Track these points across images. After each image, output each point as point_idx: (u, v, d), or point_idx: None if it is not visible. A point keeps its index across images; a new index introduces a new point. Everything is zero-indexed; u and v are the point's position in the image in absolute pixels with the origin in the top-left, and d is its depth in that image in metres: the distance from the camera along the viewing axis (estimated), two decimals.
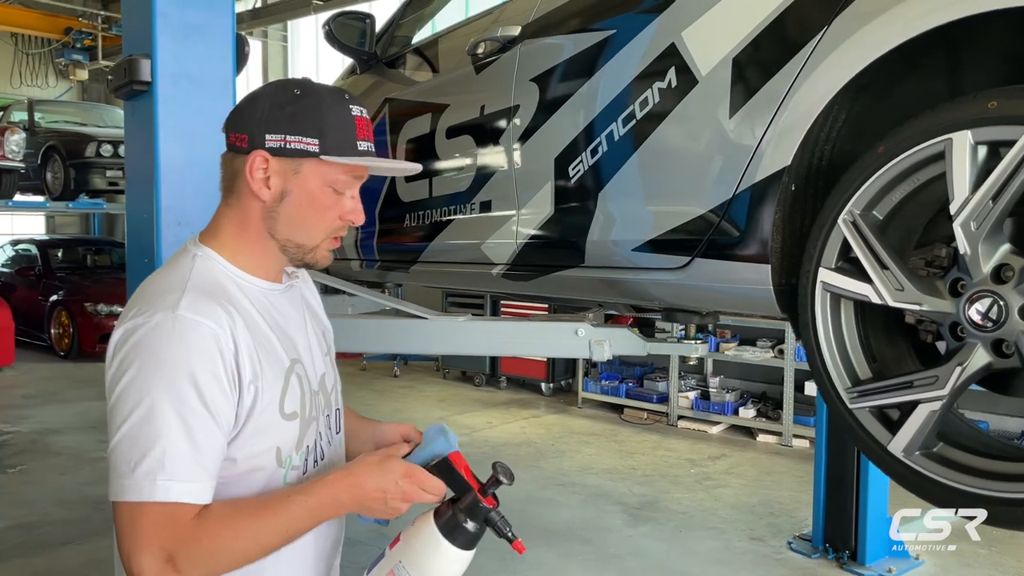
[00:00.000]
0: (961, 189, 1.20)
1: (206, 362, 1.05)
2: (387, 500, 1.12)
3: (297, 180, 1.16)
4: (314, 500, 1.10)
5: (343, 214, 1.20)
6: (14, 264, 11.18)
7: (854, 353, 1.41)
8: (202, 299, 1.10)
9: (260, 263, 1.21)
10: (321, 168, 1.16)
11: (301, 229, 1.18)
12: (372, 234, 2.78)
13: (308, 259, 1.22)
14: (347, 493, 1.11)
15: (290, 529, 1.09)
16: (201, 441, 1.04)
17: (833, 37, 1.37)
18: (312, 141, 1.14)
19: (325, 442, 1.26)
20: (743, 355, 6.53)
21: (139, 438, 1.02)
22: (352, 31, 2.80)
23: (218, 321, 1.08)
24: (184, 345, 1.05)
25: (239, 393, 1.09)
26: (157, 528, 1.01)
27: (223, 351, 1.07)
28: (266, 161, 1.15)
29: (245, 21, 12.53)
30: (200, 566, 1.03)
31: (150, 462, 1.01)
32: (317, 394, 1.25)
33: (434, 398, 7.77)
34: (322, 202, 1.17)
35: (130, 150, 2.08)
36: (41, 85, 15.47)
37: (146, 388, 1.03)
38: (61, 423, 6.61)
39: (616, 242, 1.84)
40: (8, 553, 3.98)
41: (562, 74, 1.97)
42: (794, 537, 4.25)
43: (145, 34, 1.89)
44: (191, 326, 1.06)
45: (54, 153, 9.12)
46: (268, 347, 1.15)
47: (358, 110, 1.19)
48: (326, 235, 1.20)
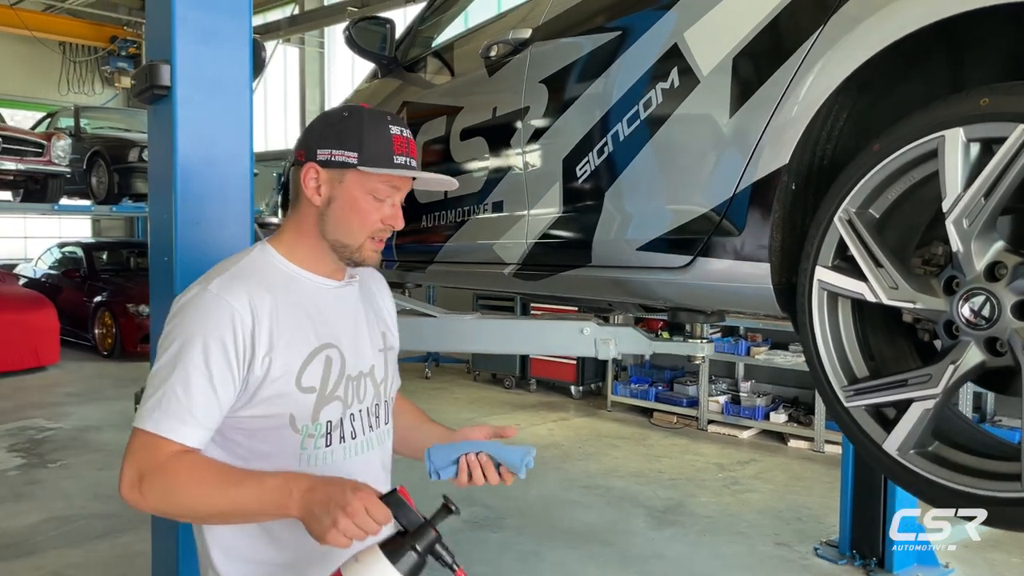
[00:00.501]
0: (953, 186, 1.19)
1: (217, 332, 1.25)
2: (330, 506, 1.13)
3: (341, 188, 1.34)
4: (268, 484, 1.19)
5: (383, 219, 1.36)
6: (61, 266, 11.50)
7: (851, 351, 1.41)
8: (234, 281, 1.30)
9: (315, 261, 1.39)
10: (360, 178, 1.33)
11: (346, 231, 1.35)
12: (391, 235, 2.82)
13: (355, 258, 1.38)
14: (299, 490, 1.17)
15: (237, 500, 1.20)
16: (194, 393, 1.23)
17: (828, 36, 1.37)
18: (352, 154, 1.32)
19: (360, 424, 1.41)
20: (774, 359, 6.46)
21: (155, 381, 1.25)
22: (373, 36, 2.85)
23: (238, 299, 1.27)
24: (204, 316, 1.26)
25: (249, 362, 1.27)
26: (141, 451, 1.22)
27: (236, 326, 1.26)
28: (316, 172, 1.35)
29: (283, 28, 12.75)
30: (156, 495, 1.20)
31: (153, 401, 1.23)
32: (357, 380, 1.41)
33: (464, 400, 7.81)
34: (363, 207, 1.34)
35: (152, 153, 2.15)
36: (88, 92, 15.93)
37: (170, 345, 1.26)
38: (102, 420, 6.79)
39: (621, 241, 1.86)
40: (44, 544, 4.10)
41: (569, 76, 1.99)
42: (821, 543, 4.19)
43: (165, 39, 1.95)
44: (214, 301, 1.27)
45: (99, 158, 9.38)
46: (298, 327, 1.33)
47: (398, 129, 1.36)
48: (367, 236, 1.36)
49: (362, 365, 1.43)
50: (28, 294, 9.56)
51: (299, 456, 1.34)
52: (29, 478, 5.22)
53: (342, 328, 1.41)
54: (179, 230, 1.97)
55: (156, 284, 2.14)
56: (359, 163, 1.32)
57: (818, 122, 1.43)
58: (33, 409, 7.20)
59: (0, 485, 5.06)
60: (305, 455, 1.34)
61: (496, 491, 5.29)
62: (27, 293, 9.65)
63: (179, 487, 1.20)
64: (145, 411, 1.23)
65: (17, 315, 8.73)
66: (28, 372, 8.80)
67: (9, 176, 8.43)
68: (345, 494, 1.14)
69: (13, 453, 5.80)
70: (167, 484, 1.20)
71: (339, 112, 1.37)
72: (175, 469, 1.20)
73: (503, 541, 4.25)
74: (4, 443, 6.06)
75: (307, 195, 1.36)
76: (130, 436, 1.25)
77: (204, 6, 1.95)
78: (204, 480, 1.21)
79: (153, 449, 1.21)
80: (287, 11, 13.71)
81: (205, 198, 1.99)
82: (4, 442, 6.09)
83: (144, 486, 1.20)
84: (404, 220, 1.42)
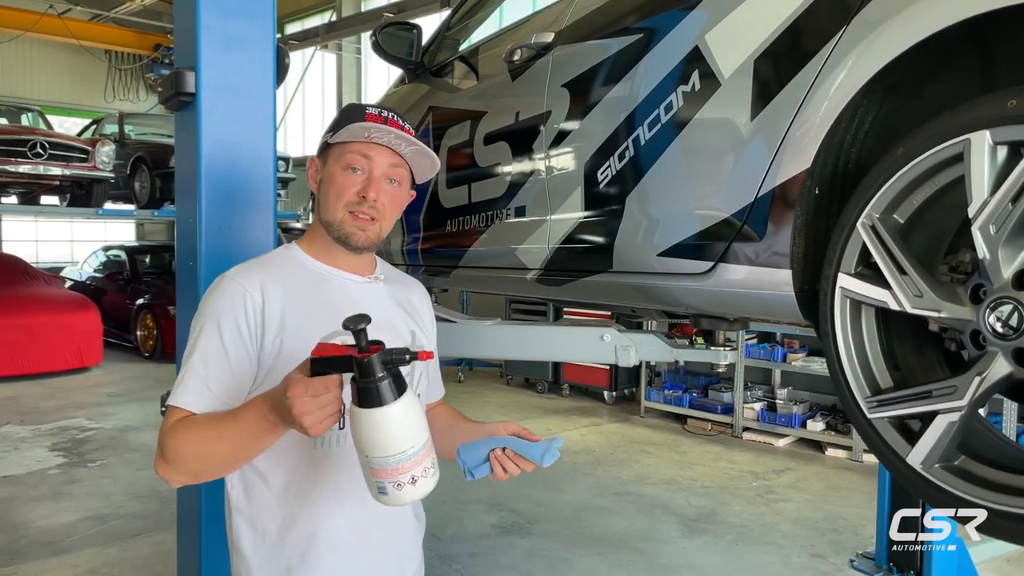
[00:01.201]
0: (979, 191, 1.15)
1: (230, 308, 1.34)
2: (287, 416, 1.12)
3: (325, 169, 1.43)
4: (245, 417, 1.22)
5: (358, 191, 1.39)
6: (105, 269, 11.78)
7: (875, 361, 1.36)
8: (251, 269, 1.40)
9: (331, 254, 1.45)
10: (335, 153, 1.41)
11: (326, 207, 1.41)
12: (417, 240, 2.84)
13: (339, 235, 1.41)
14: (264, 400, 1.19)
15: (224, 437, 1.24)
16: (211, 368, 1.32)
17: (851, 38, 1.34)
18: (330, 134, 1.42)
19: None
20: (811, 366, 6.35)
21: (183, 364, 1.34)
22: (400, 42, 2.86)
23: (250, 283, 1.36)
24: (219, 297, 1.36)
25: (261, 340, 1.35)
26: (168, 425, 1.29)
27: (247, 304, 1.34)
28: (314, 162, 1.47)
29: (321, 34, 12.92)
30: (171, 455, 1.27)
31: (177, 380, 1.33)
32: None
33: (496, 404, 7.81)
34: (338, 181, 1.40)
35: (178, 159, 2.18)
36: (132, 99, 16.32)
37: (193, 327, 1.36)
38: (141, 421, 6.93)
39: (642, 247, 1.83)
40: (82, 542, 4.19)
41: (591, 80, 1.97)
42: (857, 555, 4.10)
43: (190, 47, 1.98)
44: (228, 284, 1.37)
45: (142, 164, 9.59)
46: (312, 313, 1.38)
47: (375, 109, 1.41)
48: (345, 210, 1.40)
49: None
50: (73, 296, 9.80)
51: (314, 440, 1.37)
52: (69, 477, 5.34)
53: None
54: (204, 235, 2.00)
55: (182, 288, 2.17)
56: (331, 138, 1.40)
57: (841, 125, 1.39)
58: (75, 409, 7.38)
59: (41, 484, 5.19)
60: (321, 438, 1.37)
61: (525, 497, 5.33)
62: (72, 295, 9.89)
63: (186, 449, 1.27)
64: (174, 388, 1.33)
65: (62, 317, 8.95)
66: (72, 373, 9.02)
67: (56, 181, 8.67)
68: (285, 400, 1.12)
69: (55, 452, 5.94)
70: (174, 447, 1.27)
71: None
72: (176, 432, 1.28)
73: (531, 547, 4.23)
74: (46, 442, 6.22)
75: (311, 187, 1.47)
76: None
77: (228, 14, 1.98)
78: (198, 432, 1.27)
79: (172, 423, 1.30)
80: (325, 18, 13.89)
81: (230, 203, 2.01)
82: (46, 441, 6.25)
83: (167, 457, 1.28)
84: (429, 225, 1.42)
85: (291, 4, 14.52)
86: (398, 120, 1.41)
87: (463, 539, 4.32)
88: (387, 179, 1.41)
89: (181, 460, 1.28)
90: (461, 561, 4.04)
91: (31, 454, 5.87)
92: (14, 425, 6.74)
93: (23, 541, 4.20)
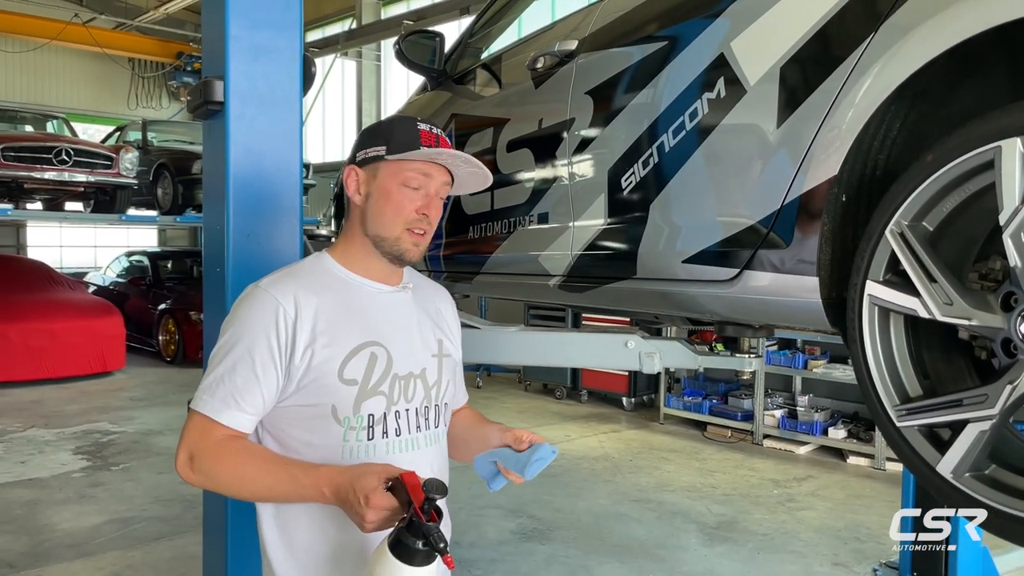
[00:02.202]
0: (1010, 199, 1.14)
1: (262, 324, 1.35)
2: (351, 513, 1.24)
3: (376, 183, 1.42)
4: (303, 479, 1.29)
5: (418, 208, 1.41)
6: (127, 274, 11.90)
7: (904, 369, 1.35)
8: (284, 279, 1.41)
9: (366, 264, 1.46)
10: (391, 168, 1.40)
11: (382, 223, 1.41)
12: (439, 246, 2.85)
13: (394, 251, 1.43)
14: (329, 489, 1.26)
15: (275, 489, 1.32)
16: (238, 380, 1.34)
17: (879, 44, 1.33)
18: (381, 148, 1.41)
19: (406, 423, 1.44)
20: (833, 373, 6.30)
21: (209, 368, 1.37)
22: (423, 50, 2.88)
23: (283, 295, 1.37)
24: (251, 310, 1.37)
25: (291, 354, 1.35)
26: (194, 432, 1.34)
27: (279, 318, 1.35)
28: (356, 172, 1.44)
29: (341, 42, 13.02)
30: (205, 474, 1.32)
31: (205, 384, 1.35)
32: (405, 380, 1.45)
33: (514, 409, 7.81)
34: (396, 198, 1.40)
35: (206, 167, 2.21)
36: (155, 107, 16.51)
37: (225, 334, 1.38)
38: (163, 425, 6.99)
39: (667, 254, 1.83)
40: (106, 545, 4.24)
41: (615, 87, 1.97)
42: (880, 564, 4.04)
43: (219, 57, 2.00)
44: (261, 296, 1.38)
45: (164, 170, 9.67)
46: (343, 323, 1.40)
47: (426, 125, 1.42)
48: (403, 227, 1.41)
49: (412, 366, 1.46)
50: (96, 301, 9.93)
51: (342, 448, 1.39)
52: (93, 480, 5.40)
53: (391, 329, 1.46)
54: (231, 241, 2.02)
55: (209, 294, 2.20)
56: (387, 153, 1.39)
57: (869, 131, 1.39)
58: (98, 413, 7.46)
59: (65, 487, 5.25)
60: (348, 447, 1.39)
61: (545, 503, 5.32)
62: (95, 300, 10.01)
63: (222, 471, 1.32)
64: (199, 393, 1.36)
65: (85, 322, 9.07)
66: (95, 377, 9.12)
67: (80, 188, 8.78)
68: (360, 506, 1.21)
69: (79, 456, 6.01)
70: (213, 466, 1.32)
71: (374, 123, 1.50)
72: (221, 454, 1.32)
73: (551, 554, 4.23)
74: (70, 446, 6.29)
75: (350, 196, 1.45)
76: (187, 417, 1.37)
77: (256, 24, 2.00)
78: (246, 469, 1.32)
79: (204, 431, 1.33)
80: (345, 25, 13.98)
81: (256, 210, 2.04)
82: (70, 445, 6.32)
83: (195, 465, 1.32)
84: (451, 232, 1.44)
85: (312, 12, 14.63)
86: (447, 138, 1.44)
87: (483, 545, 4.32)
88: (438, 196, 1.45)
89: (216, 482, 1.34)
90: (481, 567, 4.05)
91: (55, 457, 5.95)
92: (39, 428, 6.83)
93: (48, 543, 4.25)
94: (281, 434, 1.41)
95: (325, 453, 1.38)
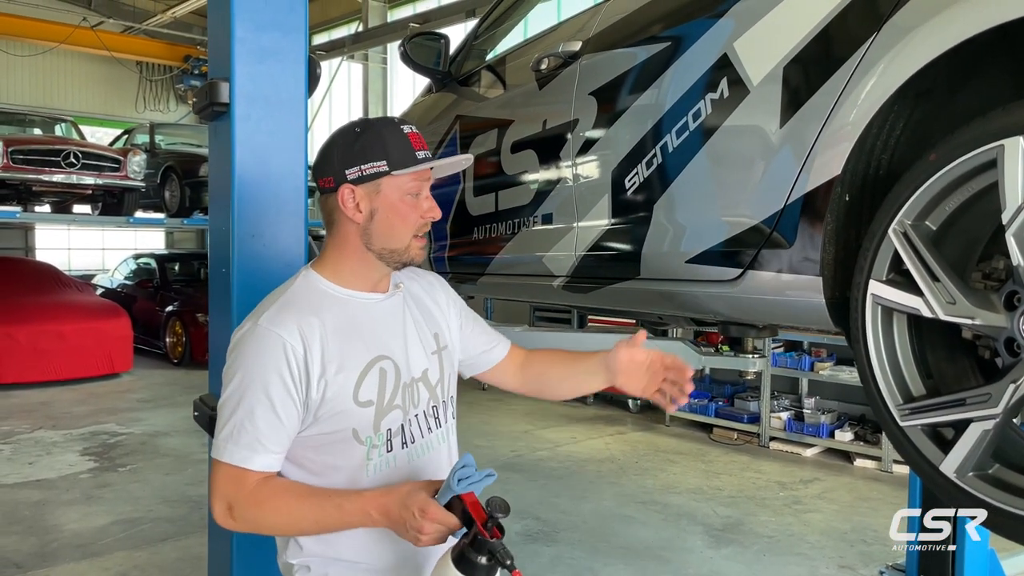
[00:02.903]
0: (1013, 197, 1.14)
1: (274, 364, 1.33)
2: (407, 529, 1.27)
3: (380, 198, 1.40)
4: (348, 507, 1.31)
5: (423, 213, 1.43)
6: (135, 277, 11.95)
7: (907, 368, 1.35)
8: (282, 312, 1.37)
9: (360, 277, 1.45)
10: (394, 182, 1.40)
11: (391, 237, 1.41)
12: (444, 247, 2.86)
13: (404, 259, 1.44)
14: (377, 512, 1.30)
15: (321, 522, 1.33)
16: (260, 423, 1.32)
17: (881, 44, 1.33)
18: (380, 163, 1.38)
19: (418, 429, 1.47)
20: (839, 375, 6.28)
21: (224, 413, 1.35)
22: (428, 51, 2.89)
23: (288, 331, 1.34)
24: (260, 351, 1.34)
25: (307, 388, 1.35)
26: (224, 483, 1.34)
27: (289, 355, 1.33)
28: (352, 191, 1.40)
29: (347, 45, 13.05)
30: (248, 521, 1.34)
31: (225, 432, 1.34)
32: (410, 387, 1.46)
33: (520, 411, 7.81)
34: (403, 210, 1.41)
35: (212, 168, 2.22)
36: (162, 110, 16.58)
37: (232, 378, 1.35)
38: (170, 426, 7.02)
39: (671, 254, 1.83)
40: (112, 546, 4.25)
41: (618, 88, 1.98)
42: (887, 567, 4.02)
43: (225, 59, 2.02)
44: (265, 335, 1.34)
45: (172, 173, 9.70)
46: (349, 346, 1.39)
47: (408, 128, 1.42)
48: (412, 236, 1.43)
49: (414, 371, 1.48)
50: (104, 303, 9.96)
51: (366, 466, 1.41)
52: (100, 481, 5.42)
53: (391, 338, 1.46)
54: (237, 242, 2.03)
55: (215, 294, 2.21)
56: (390, 169, 1.38)
57: (872, 131, 1.39)
58: (106, 414, 7.49)
59: (73, 488, 5.27)
60: (371, 464, 1.41)
61: (550, 505, 5.32)
62: (103, 302, 10.05)
63: (266, 515, 1.34)
64: (220, 442, 1.34)
65: (93, 323, 9.11)
66: (103, 378, 9.16)
67: (88, 190, 8.82)
68: (415, 518, 1.25)
69: (86, 457, 6.04)
70: (255, 513, 1.34)
71: (350, 131, 1.42)
72: (260, 499, 1.33)
73: (556, 555, 4.22)
74: (78, 447, 6.32)
75: (347, 215, 1.40)
76: (212, 467, 1.36)
77: (262, 26, 2.01)
78: (288, 507, 1.33)
79: (235, 480, 1.33)
80: (352, 29, 14.02)
81: (262, 211, 2.05)
82: (78, 446, 6.35)
83: (235, 514, 1.33)
84: (456, 233, 1.45)
85: (318, 15, 14.69)
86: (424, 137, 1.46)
87: None
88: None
89: (261, 525, 1.36)
90: None
91: (63, 458, 5.97)
92: (46, 430, 6.85)
93: (55, 544, 4.27)
94: (305, 461, 1.41)
95: (349, 473, 1.40)
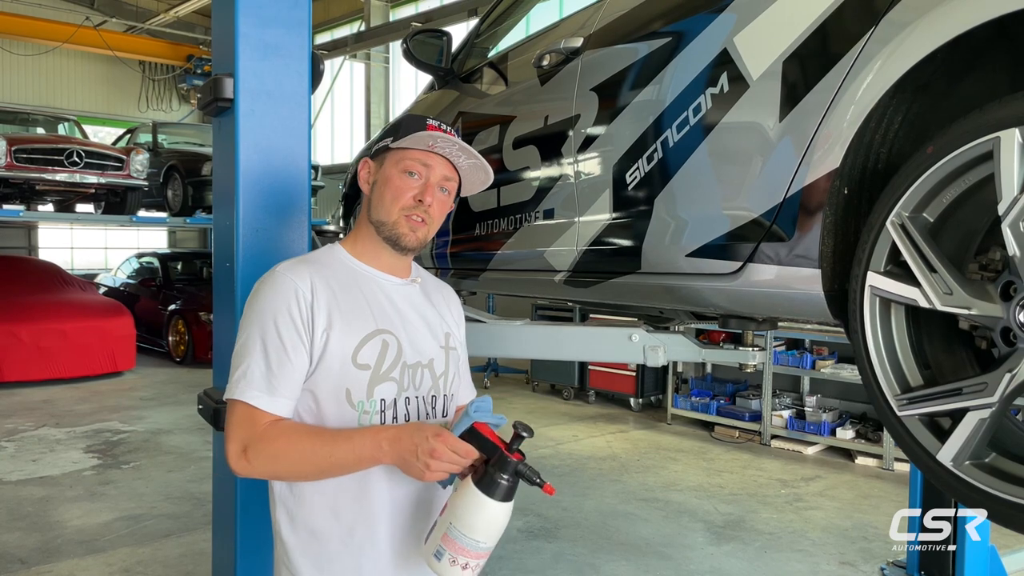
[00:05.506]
0: (1009, 189, 1.15)
1: (284, 304, 1.39)
2: (418, 454, 1.28)
3: (381, 171, 1.49)
4: (359, 440, 1.33)
5: (414, 195, 1.46)
6: (138, 275, 11.98)
7: (904, 359, 1.37)
8: (299, 265, 1.45)
9: (373, 254, 1.52)
10: (395, 156, 1.47)
11: (381, 207, 1.47)
12: (446, 243, 2.87)
13: (392, 235, 1.47)
14: (388, 442, 1.32)
15: (334, 456, 1.34)
16: (273, 364, 1.37)
17: (879, 38, 1.35)
18: (388, 139, 1.48)
19: (415, 410, 1.48)
20: (841, 373, 6.29)
21: (239, 356, 1.40)
22: (430, 49, 2.90)
23: (300, 278, 1.41)
24: (272, 292, 1.40)
25: (312, 335, 1.39)
26: (239, 425, 1.37)
27: (299, 299, 1.39)
28: (368, 163, 1.52)
29: (349, 44, 13.06)
30: (263, 462, 1.35)
31: (239, 373, 1.38)
32: (414, 369, 1.49)
33: (522, 409, 7.82)
34: (396, 183, 1.46)
35: (216, 163, 2.23)
36: (165, 109, 16.62)
37: (248, 322, 1.41)
38: (173, 424, 7.04)
39: (671, 248, 1.84)
40: (116, 542, 4.27)
41: (620, 83, 1.99)
42: (888, 564, 4.04)
43: (229, 54, 2.03)
44: (279, 279, 1.42)
45: (174, 172, 9.73)
46: (357, 311, 1.44)
47: (435, 121, 1.47)
48: (400, 212, 1.46)
49: (420, 356, 1.50)
50: (107, 302, 9.99)
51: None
52: (104, 478, 5.44)
53: (400, 319, 1.50)
54: (241, 237, 2.05)
55: (219, 289, 2.22)
56: (392, 142, 1.46)
57: (870, 125, 1.40)
58: (109, 412, 7.51)
59: (76, 484, 5.29)
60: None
61: (552, 501, 5.33)
62: (106, 301, 10.08)
63: (280, 455, 1.35)
64: (233, 383, 1.38)
65: (96, 322, 9.13)
66: (106, 377, 9.19)
67: (91, 189, 8.84)
68: (428, 441, 1.28)
69: (90, 454, 6.06)
70: (269, 453, 1.34)
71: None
72: (273, 438, 1.35)
73: (558, 551, 4.24)
74: (81, 444, 6.34)
75: (361, 186, 1.52)
76: (227, 409, 1.40)
77: (266, 23, 2.03)
78: (301, 445, 1.34)
79: (249, 420, 1.36)
80: (354, 28, 14.03)
81: (266, 206, 2.06)
82: (81, 443, 6.37)
83: (250, 456, 1.35)
84: (458, 229, 1.45)
85: (320, 14, 14.71)
86: (455, 133, 1.48)
87: None
88: (440, 187, 1.49)
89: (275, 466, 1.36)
90: (488, 565, 4.05)
91: (67, 456, 6.00)
92: (50, 427, 6.88)
93: (59, 540, 4.29)
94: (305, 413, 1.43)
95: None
